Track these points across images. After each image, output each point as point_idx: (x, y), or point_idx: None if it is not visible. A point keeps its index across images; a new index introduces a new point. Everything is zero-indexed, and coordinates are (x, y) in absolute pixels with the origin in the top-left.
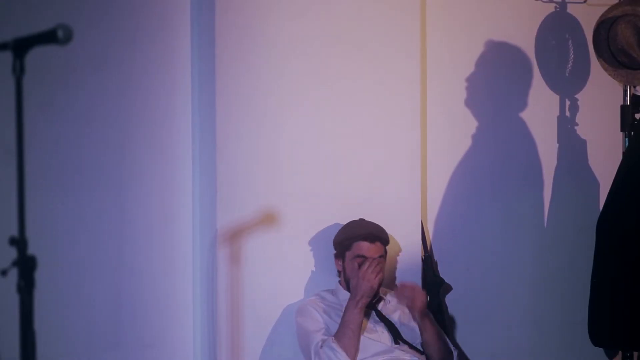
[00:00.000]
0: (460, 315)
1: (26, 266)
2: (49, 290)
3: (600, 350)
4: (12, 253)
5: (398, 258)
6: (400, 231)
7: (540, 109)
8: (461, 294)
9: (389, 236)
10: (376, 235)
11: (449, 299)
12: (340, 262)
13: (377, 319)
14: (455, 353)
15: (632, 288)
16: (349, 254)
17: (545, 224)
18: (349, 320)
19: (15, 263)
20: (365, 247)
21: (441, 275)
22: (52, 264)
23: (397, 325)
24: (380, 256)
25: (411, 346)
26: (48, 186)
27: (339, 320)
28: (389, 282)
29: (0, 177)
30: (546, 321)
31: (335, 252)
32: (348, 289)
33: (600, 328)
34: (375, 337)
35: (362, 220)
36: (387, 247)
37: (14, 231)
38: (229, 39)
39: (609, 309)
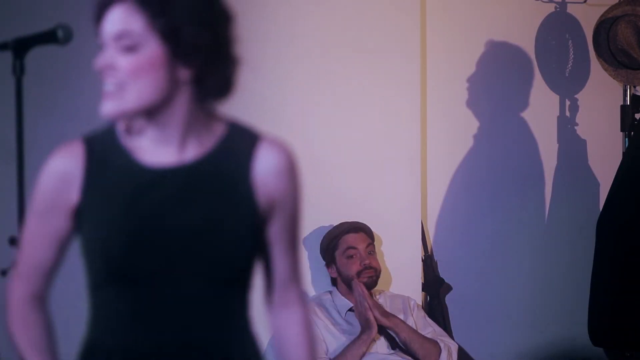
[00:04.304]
0: (461, 316)
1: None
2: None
3: (600, 350)
4: (12, 253)
5: (398, 258)
6: (400, 231)
7: (540, 109)
8: (461, 294)
9: (376, 235)
10: (358, 226)
11: (449, 299)
12: (333, 268)
13: None
14: (453, 347)
15: (632, 288)
16: (338, 253)
17: (545, 224)
18: (350, 349)
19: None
20: (352, 239)
21: (441, 275)
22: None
23: (392, 332)
24: (369, 244)
25: (407, 352)
26: None
27: (335, 325)
28: (382, 283)
29: (0, 177)
30: (546, 321)
31: (325, 261)
32: (346, 291)
33: (601, 328)
34: (372, 348)
35: (342, 222)
36: (374, 242)
37: (14, 231)
38: None
39: (609, 309)
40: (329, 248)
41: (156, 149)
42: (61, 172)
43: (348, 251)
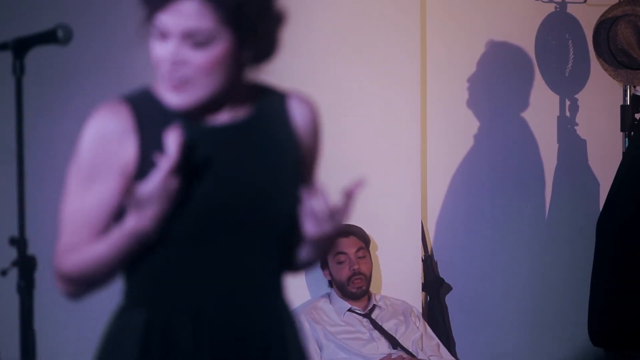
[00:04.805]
0: (460, 316)
1: (26, 266)
2: (49, 290)
3: (600, 350)
4: (12, 253)
5: (398, 258)
6: (400, 231)
7: (540, 109)
8: (461, 294)
9: (370, 237)
10: (348, 230)
11: (449, 299)
12: (327, 271)
13: (372, 327)
14: None
15: (632, 288)
16: (329, 258)
17: (545, 224)
18: None
19: (15, 263)
20: (342, 243)
21: (441, 275)
22: (52, 264)
23: (393, 333)
24: (359, 249)
25: (408, 352)
26: (48, 186)
27: (330, 328)
28: (377, 284)
29: (0, 177)
30: (546, 321)
31: (320, 263)
32: (341, 294)
33: (601, 328)
34: (374, 348)
35: None
36: (368, 245)
37: (14, 231)
38: None
39: (609, 309)
40: None
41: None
42: (111, 134)
43: (338, 256)
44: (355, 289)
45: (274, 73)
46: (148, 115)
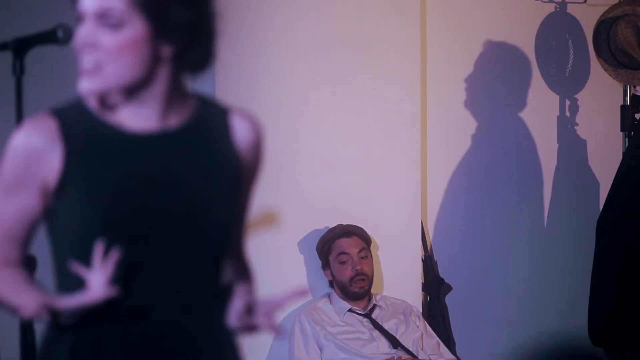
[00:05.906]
0: (460, 315)
1: (26, 266)
2: (49, 291)
3: (600, 350)
4: None
5: (398, 258)
6: (400, 231)
7: (540, 109)
8: (461, 294)
9: (371, 237)
10: (350, 230)
11: (449, 299)
12: (328, 271)
13: (372, 327)
14: None
15: (632, 288)
16: (332, 258)
17: (545, 224)
18: None
19: None
20: (344, 243)
21: (441, 275)
22: None
23: (394, 332)
24: (362, 249)
25: (409, 352)
26: None
27: (330, 329)
28: (377, 284)
29: None
30: (546, 321)
31: (321, 263)
32: (342, 295)
33: (601, 328)
34: (374, 348)
35: (338, 224)
36: (370, 246)
37: None
38: (229, 41)
39: (609, 309)
40: (323, 252)
41: (136, 120)
42: (34, 148)
43: (340, 257)
44: (358, 289)
45: (274, 73)
46: (76, 126)
